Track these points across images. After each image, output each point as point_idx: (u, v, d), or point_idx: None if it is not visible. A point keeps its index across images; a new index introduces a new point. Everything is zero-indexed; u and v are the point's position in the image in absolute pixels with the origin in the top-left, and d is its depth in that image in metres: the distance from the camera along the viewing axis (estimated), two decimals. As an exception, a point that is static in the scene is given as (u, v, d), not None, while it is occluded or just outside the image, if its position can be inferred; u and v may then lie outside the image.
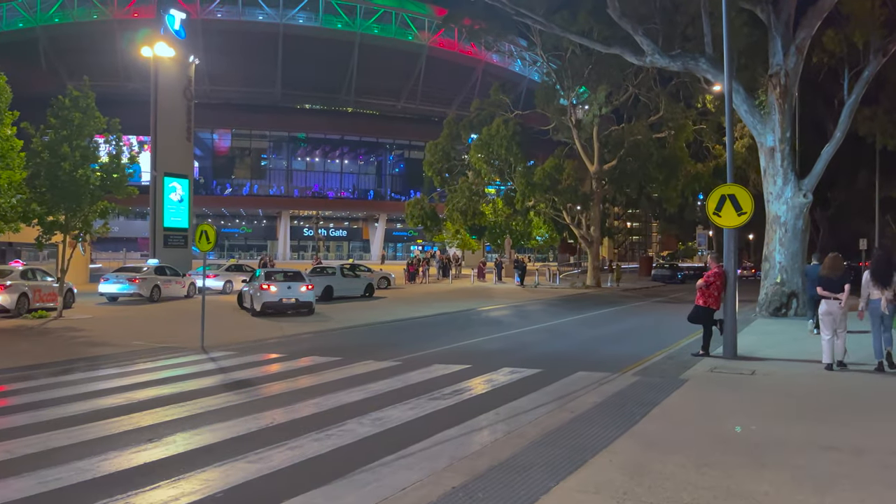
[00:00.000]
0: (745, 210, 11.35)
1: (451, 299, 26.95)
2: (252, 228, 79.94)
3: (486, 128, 35.22)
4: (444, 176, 39.73)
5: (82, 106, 18.66)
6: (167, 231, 33.81)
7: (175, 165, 34.09)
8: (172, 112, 33.89)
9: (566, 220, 38.27)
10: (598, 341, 14.76)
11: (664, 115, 34.09)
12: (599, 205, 38.23)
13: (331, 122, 74.02)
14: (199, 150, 73.43)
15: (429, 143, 39.84)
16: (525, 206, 34.87)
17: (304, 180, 77.34)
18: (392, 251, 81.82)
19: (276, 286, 19.07)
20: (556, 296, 30.24)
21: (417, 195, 45.82)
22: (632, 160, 34.36)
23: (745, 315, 19.21)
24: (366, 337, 15.69)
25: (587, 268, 40.04)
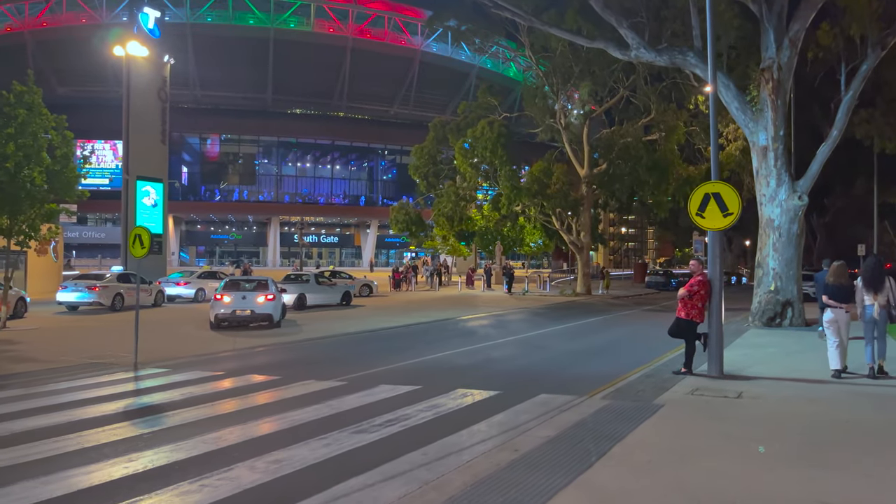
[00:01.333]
0: (732, 210, 10.05)
1: (432, 308, 25.76)
2: (242, 235, 78.91)
3: (470, 129, 34.00)
4: (430, 180, 38.47)
5: (27, 102, 17.33)
6: None
7: (149, 169, 32.94)
8: (146, 113, 32.76)
9: (556, 226, 37.02)
10: (574, 356, 13.45)
11: (655, 116, 32.91)
12: (590, 210, 36.99)
13: (322, 127, 73.05)
14: (188, 156, 72.68)
15: (415, 146, 38.71)
16: (511, 210, 33.63)
17: (294, 186, 76.36)
18: (384, 258, 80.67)
19: (230, 296, 17.55)
20: (542, 304, 29.01)
21: (411, 201, 44.61)
22: (621, 163, 33.13)
23: (736, 325, 17.97)
24: (322, 351, 14.45)
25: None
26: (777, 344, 14.21)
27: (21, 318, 20.24)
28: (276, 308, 17.63)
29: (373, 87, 71.59)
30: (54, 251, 32.44)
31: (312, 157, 76.99)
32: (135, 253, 12.60)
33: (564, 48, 31.05)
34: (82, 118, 59.59)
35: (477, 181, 36.05)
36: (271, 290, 18.02)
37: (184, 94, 67.70)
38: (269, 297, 17.53)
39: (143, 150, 32.47)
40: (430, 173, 38.36)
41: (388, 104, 74.38)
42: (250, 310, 17.30)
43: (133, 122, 32.12)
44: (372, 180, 79.74)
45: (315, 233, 79.85)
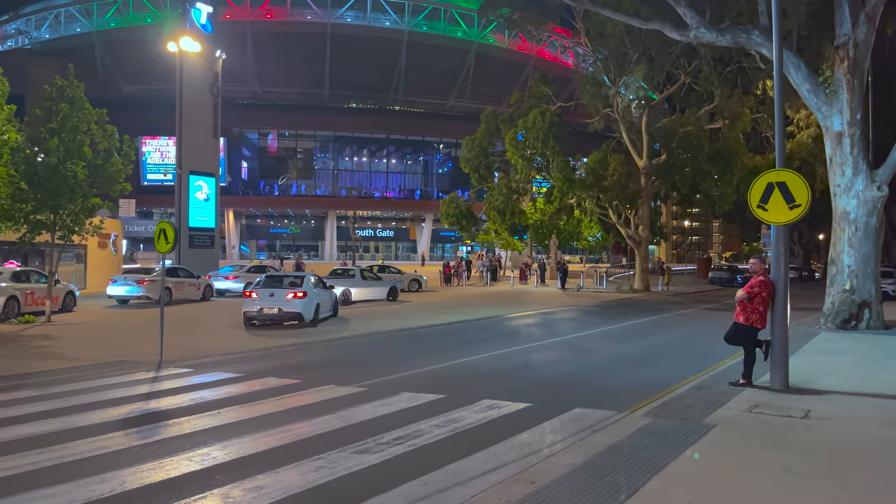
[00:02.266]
0: (800, 202, 8.82)
1: (479, 305, 24.97)
2: (300, 229, 79.85)
3: (521, 119, 32.90)
4: (481, 173, 37.55)
5: (68, 96, 17.26)
6: (192, 231, 32.96)
7: (201, 163, 33.27)
8: (198, 108, 33.03)
9: (612, 220, 35.61)
10: (620, 362, 12.37)
11: (719, 103, 31.12)
12: (649, 203, 35.41)
13: (377, 122, 73.09)
14: (247, 151, 73.83)
15: (466, 138, 37.85)
16: (564, 203, 32.40)
17: (350, 180, 76.79)
18: (440, 252, 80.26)
19: (257, 293, 17.11)
20: (596, 301, 27.84)
21: (465, 195, 43.85)
22: (682, 153, 31.48)
23: (806, 328, 16.46)
24: (354, 351, 13.84)
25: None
26: (852, 350, 12.78)
27: (69, 312, 20.41)
28: (308, 306, 16.97)
29: (428, 80, 70.99)
30: (114, 245, 33.00)
31: (368, 151, 77.14)
32: (160, 248, 12.19)
33: (621, 32, 29.62)
34: (147, 115, 61.39)
35: (529, 173, 34.89)
36: (306, 286, 17.31)
37: (243, 90, 68.84)
38: (299, 294, 16.92)
39: (195, 145, 32.73)
40: (482, 166, 37.45)
41: (443, 97, 73.69)
42: (278, 307, 16.82)
43: (186, 117, 32.38)
44: (427, 174, 79.45)
45: (371, 227, 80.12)
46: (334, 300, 19.38)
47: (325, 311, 18.44)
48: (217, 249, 34.44)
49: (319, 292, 17.95)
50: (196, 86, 32.86)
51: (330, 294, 19.09)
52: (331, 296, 19.11)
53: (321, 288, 18.39)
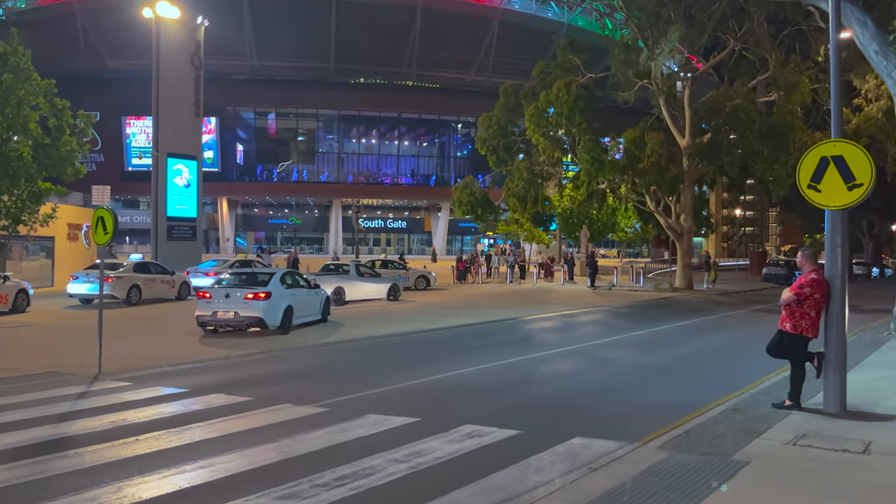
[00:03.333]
0: (861, 181, 7.86)
1: (492, 306, 24.34)
2: (302, 219, 80.00)
3: (543, 93, 31.88)
4: (500, 155, 36.63)
5: (12, 65, 16.67)
6: (171, 221, 32.57)
7: (181, 145, 32.90)
8: (178, 83, 32.59)
9: (650, 208, 34.53)
10: (643, 375, 11.52)
11: (773, 72, 29.86)
12: (692, 188, 34.31)
13: (388, 98, 72.55)
14: (242, 132, 73.68)
15: (482, 115, 36.94)
16: (592, 189, 31.39)
17: (357, 164, 76.54)
18: (458, 245, 79.66)
19: (212, 293, 16.04)
20: (629, 301, 27.06)
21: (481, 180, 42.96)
22: (729, 130, 30.32)
23: (872, 335, 15.44)
24: (330, 361, 13.22)
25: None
26: (928, 363, 11.74)
27: (21, 313, 19.94)
28: (272, 309, 15.81)
29: (446, 51, 69.91)
30: (86, 237, 32.66)
31: (377, 132, 76.78)
32: (97, 239, 11.54)
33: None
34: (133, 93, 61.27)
35: (553, 154, 33.91)
36: (271, 285, 16.19)
37: (238, 64, 68.64)
38: (261, 295, 15.72)
39: (174, 125, 32.31)
40: (501, 147, 36.51)
41: (463, 71, 72.74)
42: (234, 311, 15.62)
43: (164, 92, 31.94)
44: (443, 157, 78.91)
45: (380, 217, 79.85)
46: (323, 301, 18.48)
47: (308, 314, 17.54)
48: (199, 242, 34.08)
49: (294, 293, 16.91)
50: (175, 57, 32.38)
51: (315, 294, 18.21)
52: (317, 296, 18.24)
53: (299, 287, 17.47)
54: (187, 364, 12.41)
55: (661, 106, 32.64)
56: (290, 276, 17.71)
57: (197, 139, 35.02)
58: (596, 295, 30.04)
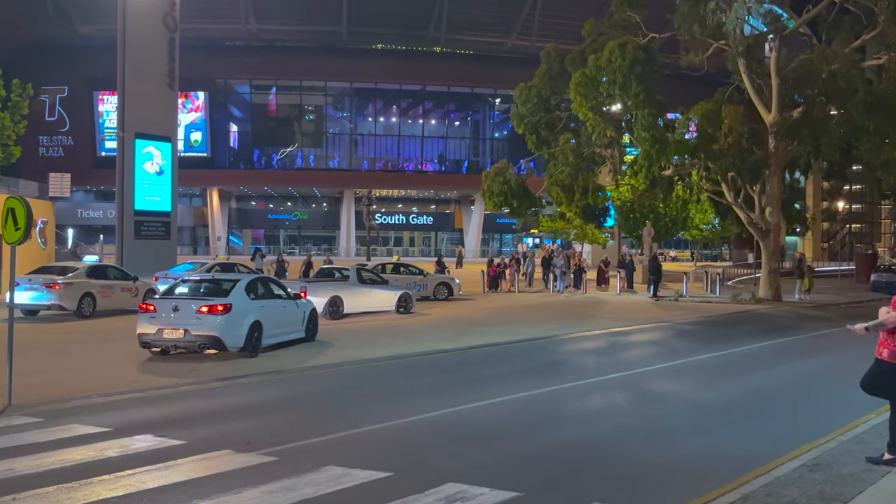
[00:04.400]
0: None
1: (525, 320, 23.86)
2: (308, 214, 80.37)
3: (592, 56, 31.06)
4: (540, 134, 35.89)
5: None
6: (140, 216, 32.49)
7: (151, 124, 32.82)
8: (147, 47, 32.48)
9: (727, 199, 33.60)
10: (699, 415, 10.82)
11: (883, 28, 28.78)
12: (781, 174, 33.28)
13: (411, 68, 72.33)
14: (237, 110, 74.01)
15: (518, 86, 36.17)
16: (654, 175, 30.52)
17: (373, 148, 76.48)
18: (496, 244, 79.19)
19: (157, 306, 15.36)
20: (698, 316, 26.47)
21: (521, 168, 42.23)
22: (826, 101, 29.29)
23: None
24: (302, 393, 12.71)
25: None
26: None
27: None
28: (232, 326, 15.22)
29: (482, 11, 69.43)
30: (42, 235, 32.72)
31: (398, 108, 76.78)
32: (7, 237, 11.05)
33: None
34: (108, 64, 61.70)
35: (606, 133, 33.08)
36: (234, 295, 15.55)
37: (232, 28, 69.07)
38: (218, 308, 15.04)
39: (143, 98, 32.07)
40: (542, 124, 35.71)
41: (502, 34, 72.29)
42: (183, 328, 14.88)
43: (131, 59, 31.87)
44: (478, 139, 78.54)
45: (402, 211, 79.51)
46: (307, 316, 17.95)
47: (286, 331, 17.14)
48: (173, 241, 33.94)
49: (265, 305, 16.38)
50: (144, 16, 32.27)
51: (296, 306, 17.68)
52: (298, 309, 17.71)
53: (273, 298, 16.96)
54: (122, 394, 11.91)
55: (741, 73, 31.84)
56: (262, 283, 17.24)
57: (171, 116, 35.08)
58: (657, 307, 29.47)
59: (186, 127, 69.24)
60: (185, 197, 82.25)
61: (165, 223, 33.51)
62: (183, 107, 69.48)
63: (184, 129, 69.34)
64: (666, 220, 51.92)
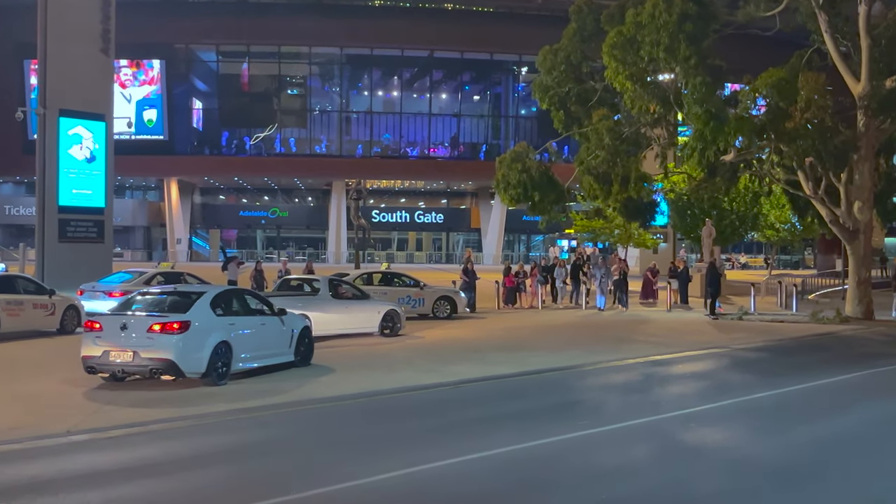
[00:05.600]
0: None
1: (543, 345, 23.63)
2: (288, 210, 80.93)
3: (631, 10, 30.41)
4: (570, 109, 35.24)
5: None
6: (65, 213, 32.29)
7: (80, 97, 32.62)
8: (73, 2, 32.41)
9: (805, 191, 32.95)
10: (737, 479, 10.28)
11: None
12: (873, 160, 32.55)
13: (416, 28, 72.52)
14: (201, 83, 74.23)
15: (542, 49, 35.59)
16: (709, 160, 29.88)
17: (368, 129, 76.52)
18: (521, 248, 78.75)
19: (103, 323, 15.85)
20: (765, 339, 26.17)
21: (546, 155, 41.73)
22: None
23: None
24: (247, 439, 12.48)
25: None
26: None
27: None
28: (191, 347, 15.54)
29: None
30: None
31: (400, 79, 76.94)
32: None
33: None
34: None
35: (650, 107, 32.46)
36: (195, 310, 15.90)
37: None
38: (174, 325, 15.39)
39: (69, 66, 31.79)
40: (571, 97, 35.06)
41: None
42: (133, 350, 15.23)
43: (53, 16, 31.66)
44: (498, 116, 78.55)
45: (405, 206, 79.41)
46: (295, 335, 18.55)
47: (266, 354, 17.74)
48: (108, 244, 33.79)
49: (236, 322, 16.91)
50: None
51: (280, 324, 18.17)
52: (283, 327, 18.22)
53: (249, 315, 17.62)
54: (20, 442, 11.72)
55: (821, 32, 31.24)
56: (235, 297, 17.94)
57: (106, 89, 34.97)
58: (714, 328, 29.24)
59: (139, 103, 69.82)
60: (137, 190, 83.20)
61: (98, 222, 33.32)
62: (134, 78, 70.03)
63: (135, 105, 69.97)
64: (732, 218, 51.26)
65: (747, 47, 39.00)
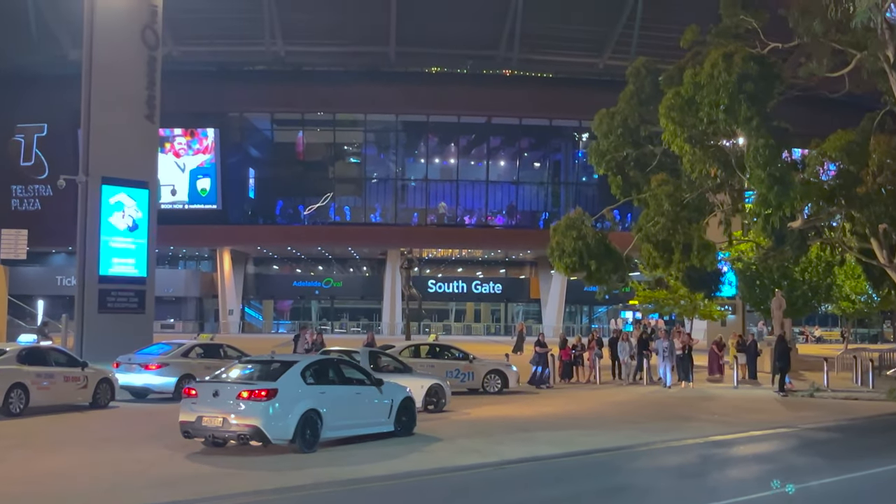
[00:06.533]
0: None
1: (597, 424, 23.39)
2: (342, 281, 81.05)
3: (689, 71, 29.89)
4: (627, 174, 34.71)
5: None
6: (105, 283, 32.52)
7: (123, 165, 33.20)
8: (119, 69, 32.91)
9: (879, 260, 32.07)
10: None
11: None
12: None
13: (475, 95, 72.36)
14: (255, 150, 74.80)
15: (598, 112, 35.16)
16: (774, 227, 29.12)
17: (424, 197, 76.79)
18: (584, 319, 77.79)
19: (199, 389, 17.36)
20: (837, 417, 25.56)
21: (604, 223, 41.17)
22: None
23: None
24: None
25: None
26: None
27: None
28: (278, 414, 16.74)
29: (566, 24, 69.71)
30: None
31: (456, 146, 77.06)
32: None
33: None
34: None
35: (710, 171, 31.85)
36: (285, 379, 17.29)
37: (252, 50, 70.74)
38: (261, 393, 16.67)
39: (113, 133, 32.31)
40: (629, 162, 34.54)
41: (592, 52, 72.43)
42: (222, 415, 16.63)
43: (98, 83, 32.22)
44: (558, 184, 78.52)
45: (463, 276, 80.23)
46: (394, 405, 19.47)
47: (361, 423, 18.78)
48: (150, 314, 33.96)
49: (327, 391, 18.00)
50: (115, 29, 32.65)
51: (377, 393, 19.16)
52: (381, 396, 19.19)
53: (344, 384, 18.70)
54: None
55: (893, 93, 30.45)
56: (330, 366, 19.17)
57: (150, 155, 35.39)
58: (782, 405, 28.64)
59: (192, 172, 70.45)
60: (191, 260, 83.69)
61: (139, 292, 33.61)
62: (188, 147, 70.80)
63: (189, 174, 70.61)
64: (804, 289, 50.01)
65: (815, 110, 38.34)
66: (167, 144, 69.69)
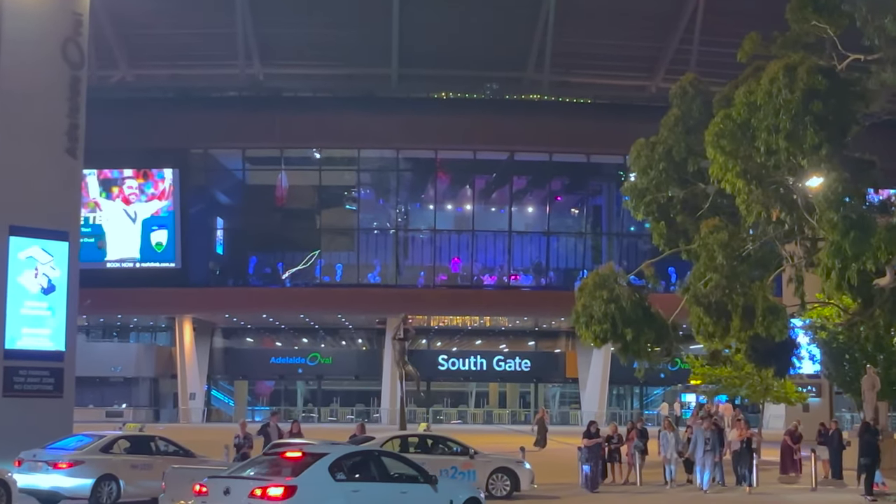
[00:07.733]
0: None
1: None
2: (332, 356, 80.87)
3: (743, 89, 29.57)
4: (673, 219, 34.26)
5: None
6: (13, 359, 32.04)
7: (37, 211, 32.61)
8: (31, 92, 32.50)
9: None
10: None
11: None
12: None
13: (493, 126, 72.45)
14: (224, 197, 74.64)
15: (636, 142, 34.83)
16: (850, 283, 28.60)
17: (432, 253, 76.44)
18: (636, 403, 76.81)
19: (210, 487, 17.80)
20: None
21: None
22: None
23: None
24: None
25: None
26: None
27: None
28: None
29: (607, 39, 70.61)
30: None
31: (472, 188, 77.23)
32: None
33: None
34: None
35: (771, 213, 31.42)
36: (308, 474, 17.62)
37: (225, 73, 70.86)
38: (278, 492, 16.91)
39: (24, 172, 31.90)
40: (675, 204, 34.14)
41: (641, 73, 73.28)
42: None
43: (5, 110, 31.76)
44: (599, 234, 78.62)
45: (481, 350, 79.64)
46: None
47: None
48: (69, 399, 33.34)
49: (362, 489, 18.37)
50: (28, 44, 32.38)
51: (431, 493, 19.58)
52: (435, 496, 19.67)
53: (385, 481, 19.06)
54: None
55: None
56: (368, 460, 19.71)
57: (72, 200, 34.97)
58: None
59: (146, 223, 70.80)
60: (145, 332, 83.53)
61: (55, 370, 33.01)
62: (140, 192, 71.17)
63: (141, 225, 70.96)
64: (896, 364, 49.56)
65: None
66: (115, 189, 70.47)
